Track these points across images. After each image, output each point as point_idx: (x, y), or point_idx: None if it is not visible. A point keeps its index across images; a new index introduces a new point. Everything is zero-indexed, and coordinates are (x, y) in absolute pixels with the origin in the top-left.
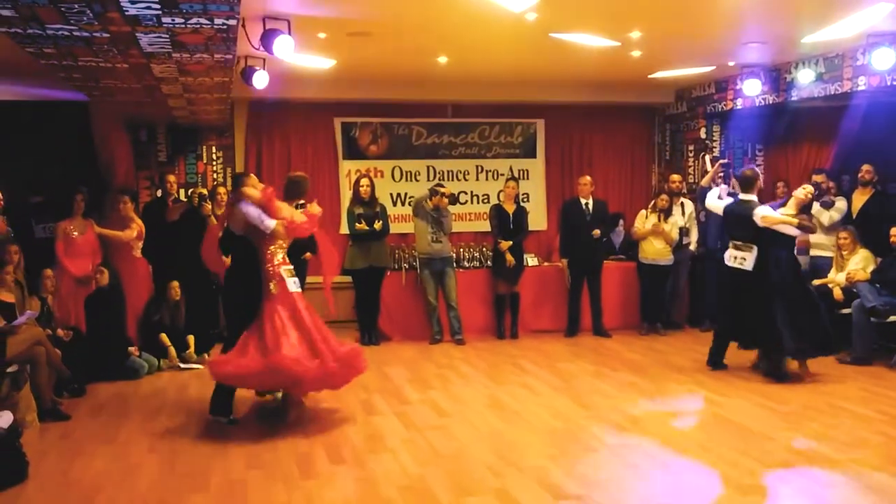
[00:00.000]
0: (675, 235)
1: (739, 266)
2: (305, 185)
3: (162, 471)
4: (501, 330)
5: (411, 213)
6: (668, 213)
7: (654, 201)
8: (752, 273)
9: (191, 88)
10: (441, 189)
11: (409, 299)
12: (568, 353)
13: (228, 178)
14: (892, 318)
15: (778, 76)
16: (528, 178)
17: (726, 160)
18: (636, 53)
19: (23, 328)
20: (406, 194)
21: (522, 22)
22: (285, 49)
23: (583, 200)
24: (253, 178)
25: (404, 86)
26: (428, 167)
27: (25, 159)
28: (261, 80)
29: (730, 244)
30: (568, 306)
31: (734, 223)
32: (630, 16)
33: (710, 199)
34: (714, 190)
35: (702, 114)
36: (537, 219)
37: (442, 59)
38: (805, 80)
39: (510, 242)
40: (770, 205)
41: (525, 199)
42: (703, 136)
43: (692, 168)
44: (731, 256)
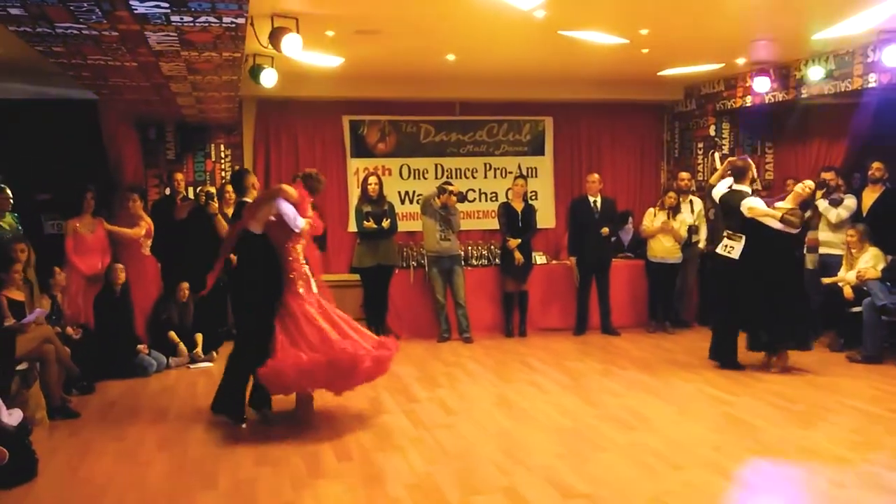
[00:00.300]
0: (683, 233)
1: (727, 255)
2: (323, 185)
3: (170, 468)
4: (509, 328)
5: (419, 211)
6: (677, 210)
7: (662, 199)
8: (738, 262)
9: (199, 87)
10: (449, 187)
11: (417, 297)
12: (576, 351)
13: None
14: None
15: (788, 73)
16: (536, 176)
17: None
18: (645, 51)
19: (32, 326)
20: (414, 192)
21: (531, 19)
22: (293, 47)
23: (591, 198)
24: (253, 177)
25: (412, 84)
26: (436, 165)
27: (33, 157)
28: (269, 79)
29: (724, 233)
30: (576, 304)
31: (726, 213)
32: (639, 13)
33: (717, 189)
34: (723, 182)
35: (711, 111)
36: (545, 217)
37: (450, 57)
38: (815, 77)
39: (518, 240)
40: (776, 200)
41: (533, 197)
42: (712, 133)
43: (701, 166)
44: (722, 245)
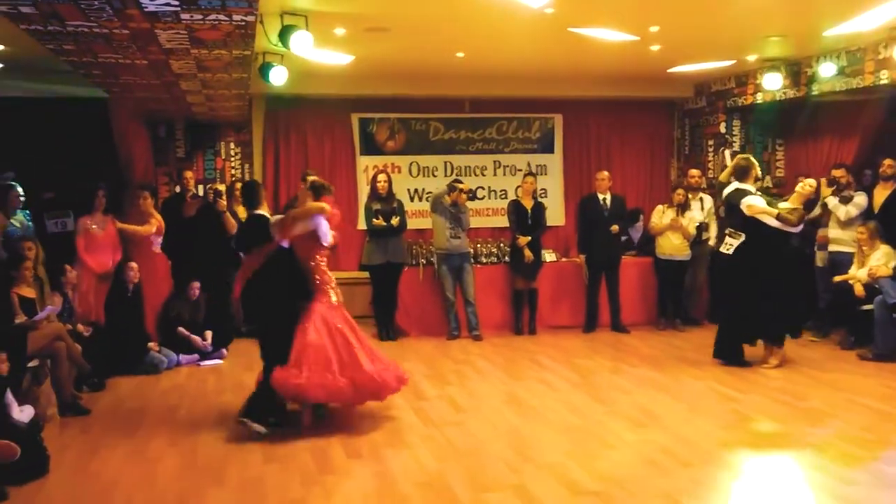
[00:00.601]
0: (692, 231)
1: (726, 251)
2: (332, 189)
3: (180, 465)
4: (519, 326)
5: (429, 209)
6: (686, 207)
7: (671, 196)
8: (737, 259)
9: (209, 84)
10: (460, 185)
11: (426, 295)
12: (586, 348)
13: (246, 174)
14: None
15: (799, 70)
16: (545, 174)
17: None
18: (655, 48)
19: (44, 323)
20: (423, 190)
21: (541, 16)
22: (303, 45)
23: (600, 196)
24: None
25: (422, 81)
26: (445, 163)
27: (38, 155)
28: (279, 76)
29: (725, 231)
30: (586, 302)
31: (728, 211)
32: (649, 10)
33: (727, 189)
34: (734, 183)
35: (722, 108)
36: (555, 214)
37: (459, 55)
38: (827, 73)
39: (528, 238)
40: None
41: (543, 195)
42: (722, 130)
43: (712, 163)
44: (724, 243)
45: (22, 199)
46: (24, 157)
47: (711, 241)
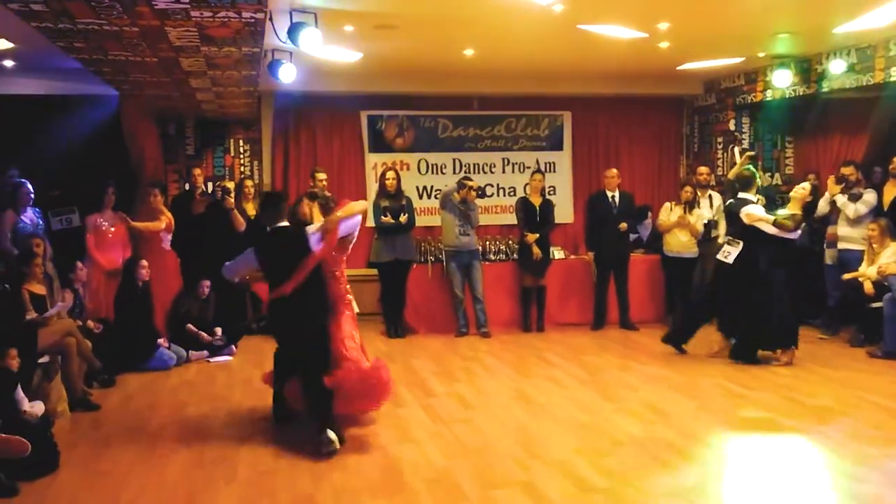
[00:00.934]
0: (700, 228)
1: (724, 259)
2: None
3: (190, 461)
4: (527, 323)
5: (438, 206)
6: (694, 205)
7: (679, 193)
8: (732, 266)
9: (219, 82)
10: (469, 182)
11: (434, 292)
12: (594, 346)
13: (255, 172)
14: None
15: (809, 67)
16: (554, 171)
17: (754, 152)
18: (664, 45)
19: (54, 319)
20: (432, 187)
21: (549, 14)
22: (312, 42)
23: (609, 193)
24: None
25: (430, 78)
26: (454, 160)
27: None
28: (288, 74)
29: (725, 240)
30: (594, 299)
31: (729, 220)
32: (658, 7)
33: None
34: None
35: (731, 105)
36: (564, 212)
37: (468, 52)
38: (837, 70)
39: (536, 235)
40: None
41: (551, 192)
42: (732, 127)
43: (721, 160)
44: (723, 251)
45: (32, 196)
46: (28, 154)
47: (720, 239)
